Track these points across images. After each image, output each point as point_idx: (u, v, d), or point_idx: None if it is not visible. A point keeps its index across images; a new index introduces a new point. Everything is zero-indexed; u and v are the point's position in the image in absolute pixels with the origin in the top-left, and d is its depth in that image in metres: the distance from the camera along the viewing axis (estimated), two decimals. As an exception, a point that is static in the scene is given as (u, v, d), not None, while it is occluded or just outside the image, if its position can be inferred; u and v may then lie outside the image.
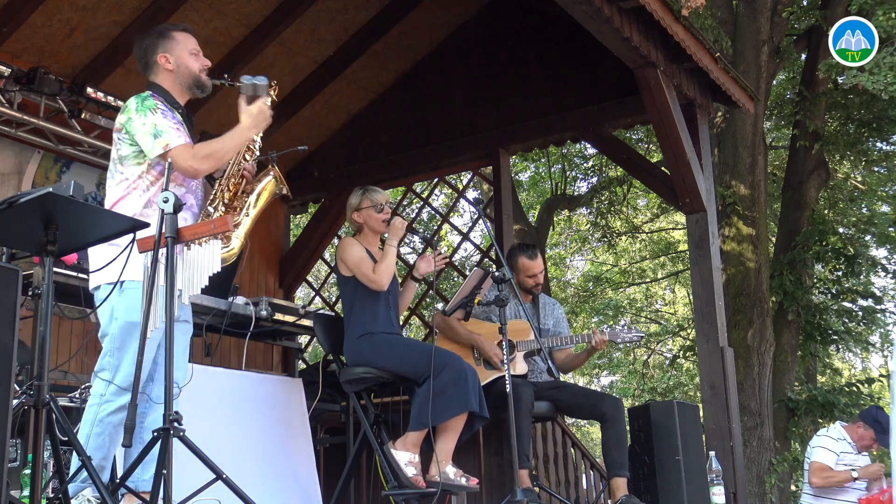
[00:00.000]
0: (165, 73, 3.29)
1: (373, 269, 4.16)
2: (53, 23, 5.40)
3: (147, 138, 3.09)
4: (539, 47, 6.52)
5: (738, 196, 9.45)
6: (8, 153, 5.38)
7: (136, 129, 3.10)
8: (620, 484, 4.42)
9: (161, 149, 3.08)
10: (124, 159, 3.15)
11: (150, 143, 3.09)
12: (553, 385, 4.77)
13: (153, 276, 2.69)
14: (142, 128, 3.09)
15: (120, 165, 3.15)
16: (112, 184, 3.16)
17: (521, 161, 13.61)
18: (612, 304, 16.27)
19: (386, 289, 4.19)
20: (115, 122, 3.20)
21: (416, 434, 4.02)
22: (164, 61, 3.28)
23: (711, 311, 5.47)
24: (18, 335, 2.37)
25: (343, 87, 6.91)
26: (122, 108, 3.19)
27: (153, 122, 3.10)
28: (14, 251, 3.70)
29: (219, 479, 2.68)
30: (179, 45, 3.33)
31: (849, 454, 5.77)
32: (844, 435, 5.81)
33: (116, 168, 3.16)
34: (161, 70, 3.29)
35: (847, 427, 5.86)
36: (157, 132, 3.09)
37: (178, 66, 3.29)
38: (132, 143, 3.13)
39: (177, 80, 3.30)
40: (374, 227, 4.35)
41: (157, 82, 3.29)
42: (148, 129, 3.09)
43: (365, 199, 4.36)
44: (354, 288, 4.22)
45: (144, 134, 3.09)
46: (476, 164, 7.11)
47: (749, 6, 9.72)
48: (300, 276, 7.51)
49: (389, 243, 4.25)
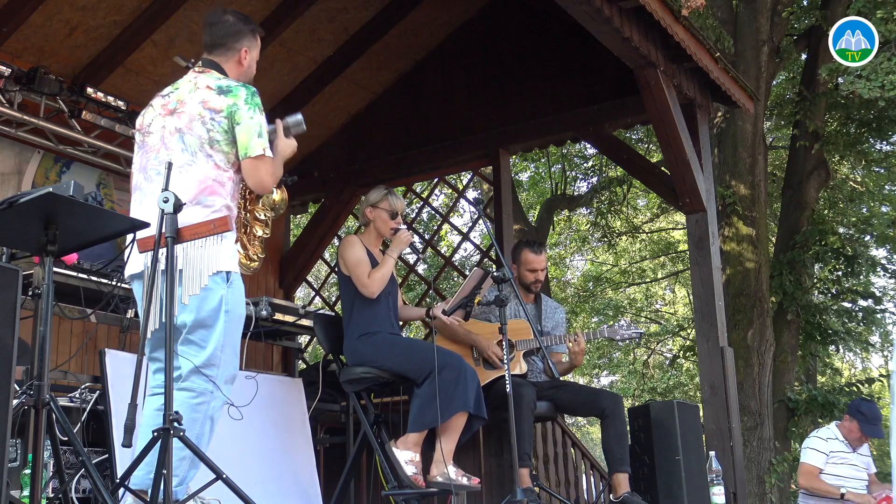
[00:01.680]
0: (235, 66, 3.24)
1: (368, 273, 4.16)
2: (53, 23, 5.40)
3: (251, 135, 3.02)
4: (539, 47, 6.52)
5: (738, 196, 9.45)
6: (8, 153, 5.38)
7: (242, 121, 3.02)
8: (622, 480, 4.42)
9: (260, 150, 3.02)
10: (216, 143, 3.03)
11: (252, 142, 3.01)
12: (552, 384, 4.77)
13: (153, 276, 2.68)
14: (249, 121, 3.02)
15: (209, 147, 3.02)
16: (196, 161, 3.01)
17: (521, 161, 13.62)
18: (612, 304, 16.28)
19: (375, 297, 4.19)
20: (210, 100, 3.04)
21: (416, 434, 4.02)
22: (245, 55, 3.25)
23: (711, 311, 5.47)
24: (19, 334, 2.37)
25: (343, 87, 6.91)
26: (219, 88, 3.06)
27: (259, 121, 3.05)
28: (14, 251, 3.70)
29: (219, 479, 2.68)
30: (256, 49, 3.32)
31: (842, 452, 5.68)
32: (836, 434, 5.74)
33: (203, 148, 3.02)
34: (235, 60, 3.24)
35: (839, 425, 5.81)
36: (262, 133, 3.04)
37: (248, 67, 3.28)
38: (227, 131, 3.03)
39: (239, 77, 3.23)
40: (380, 229, 4.36)
41: (223, 67, 3.21)
42: (255, 126, 3.03)
43: (385, 200, 4.37)
44: (355, 288, 4.23)
45: (249, 129, 3.02)
46: (476, 164, 7.12)
47: (749, 6, 9.72)
48: (300, 276, 7.51)
49: (390, 254, 4.26)
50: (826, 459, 5.65)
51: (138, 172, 3.14)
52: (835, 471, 5.65)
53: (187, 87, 3.14)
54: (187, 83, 3.17)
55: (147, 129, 3.16)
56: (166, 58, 3.44)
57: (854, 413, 5.66)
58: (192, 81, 3.15)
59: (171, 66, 3.54)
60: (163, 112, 3.13)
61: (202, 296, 2.91)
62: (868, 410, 5.62)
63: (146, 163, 3.11)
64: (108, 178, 5.94)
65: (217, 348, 2.93)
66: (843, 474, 5.63)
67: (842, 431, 5.73)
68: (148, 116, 3.20)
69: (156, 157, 3.07)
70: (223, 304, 2.95)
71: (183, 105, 3.09)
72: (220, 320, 2.94)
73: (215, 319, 2.93)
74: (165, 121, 3.10)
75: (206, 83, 3.10)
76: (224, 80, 3.12)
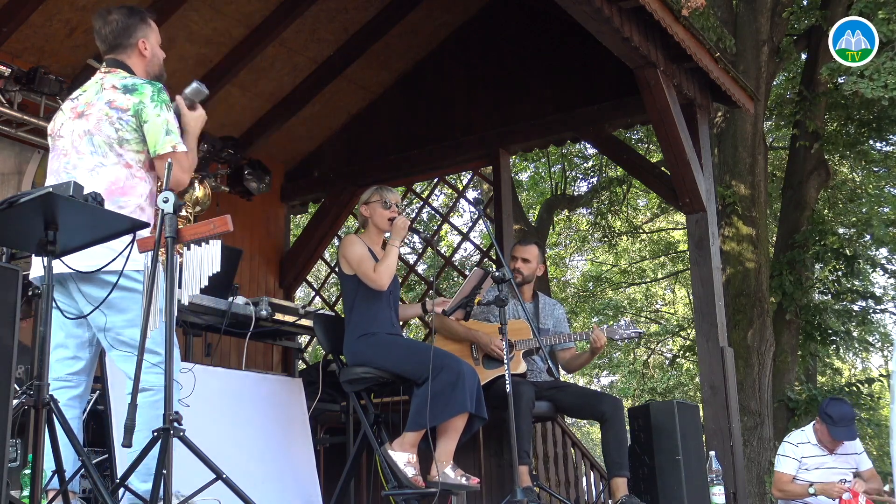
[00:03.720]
0: (138, 59, 3.22)
1: (374, 268, 4.17)
2: (53, 23, 5.40)
3: (158, 133, 3.02)
4: (539, 47, 6.52)
5: (738, 196, 9.45)
6: (8, 153, 5.38)
7: (149, 119, 3.02)
8: (620, 484, 4.42)
9: (169, 148, 3.02)
10: (125, 142, 3.04)
11: (160, 139, 3.02)
12: (553, 385, 4.77)
13: (153, 276, 2.68)
14: (156, 119, 3.02)
15: (118, 147, 3.03)
16: (105, 162, 3.02)
17: (521, 161, 13.62)
18: (612, 304, 16.28)
19: (386, 288, 4.19)
20: (116, 99, 3.05)
21: (414, 434, 4.02)
22: (143, 45, 3.23)
23: (711, 311, 5.47)
24: (19, 335, 2.37)
25: (343, 87, 6.91)
26: (125, 87, 3.06)
27: (166, 118, 3.04)
28: (14, 251, 3.70)
29: (219, 479, 2.68)
30: (154, 34, 3.30)
31: (817, 457, 5.29)
32: (809, 437, 5.35)
33: (113, 148, 3.03)
34: (136, 54, 3.22)
35: (815, 426, 5.38)
36: (169, 130, 3.04)
37: (152, 56, 3.26)
38: (136, 130, 3.04)
39: (146, 69, 3.23)
40: (377, 223, 4.36)
41: (128, 64, 3.20)
42: (161, 123, 3.02)
43: (376, 194, 4.40)
44: (356, 287, 4.23)
45: (156, 127, 3.02)
46: (476, 164, 7.12)
47: (749, 6, 9.72)
48: (300, 276, 7.51)
49: (391, 243, 4.26)
50: (798, 466, 5.31)
51: (51, 176, 3.14)
52: (808, 477, 5.27)
53: (94, 88, 3.15)
54: (94, 84, 3.17)
55: (57, 132, 3.17)
56: (166, 58, 3.43)
57: (822, 416, 5.27)
58: (99, 82, 3.15)
59: (170, 66, 3.54)
60: (72, 115, 3.14)
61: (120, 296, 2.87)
62: (836, 412, 5.19)
63: (58, 166, 3.11)
64: (108, 178, 5.92)
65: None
66: (816, 479, 5.23)
67: (816, 434, 5.34)
68: (58, 121, 3.21)
69: (66, 160, 3.08)
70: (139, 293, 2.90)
71: (90, 107, 3.09)
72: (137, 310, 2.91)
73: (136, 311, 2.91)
74: (74, 124, 3.10)
75: (111, 83, 3.11)
76: (130, 79, 3.12)
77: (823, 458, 5.30)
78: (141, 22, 3.26)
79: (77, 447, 2.74)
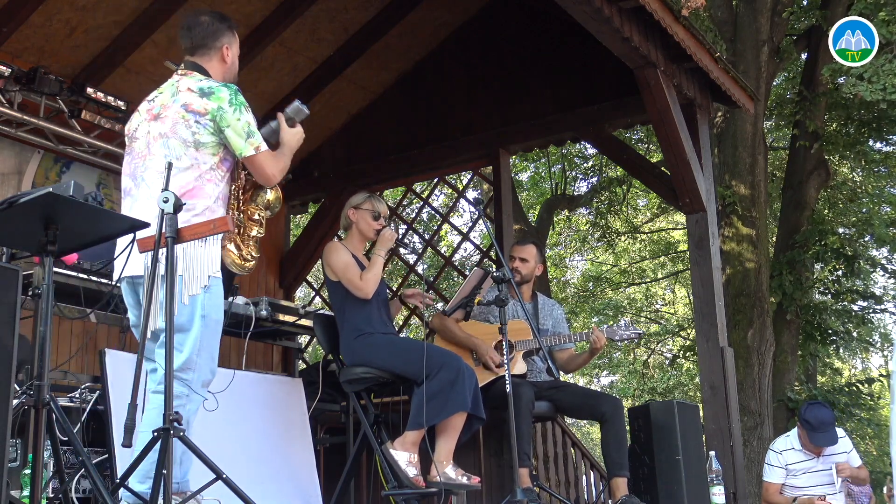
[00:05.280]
0: (219, 64, 3.25)
1: (359, 276, 4.17)
2: (53, 23, 5.40)
3: (239, 136, 3.04)
4: (539, 47, 6.52)
5: (738, 196, 9.45)
6: (8, 153, 5.39)
7: (229, 123, 3.04)
8: (620, 484, 4.42)
9: (252, 150, 3.05)
10: (201, 146, 3.05)
11: (242, 143, 3.05)
12: (552, 385, 4.77)
13: (153, 276, 2.68)
14: (236, 123, 3.04)
15: (194, 150, 3.04)
16: (179, 165, 3.00)
17: (521, 161, 13.62)
18: (612, 304, 16.28)
19: (370, 297, 4.19)
20: (192, 102, 3.05)
21: (415, 434, 4.02)
22: (227, 51, 3.27)
23: (711, 311, 5.47)
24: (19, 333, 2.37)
25: (343, 87, 6.91)
26: (201, 90, 3.07)
27: (247, 120, 3.06)
28: (14, 251, 3.70)
29: (219, 479, 2.68)
30: (237, 44, 3.35)
31: (802, 462, 5.18)
32: (793, 443, 5.23)
33: (188, 152, 3.04)
34: (217, 59, 3.25)
35: (798, 432, 5.27)
36: (251, 132, 3.06)
37: (231, 63, 3.30)
38: (214, 133, 3.05)
39: (224, 75, 3.25)
40: (363, 230, 4.35)
41: (206, 68, 3.22)
42: (242, 126, 3.05)
43: (367, 202, 4.39)
44: (344, 292, 4.23)
45: (238, 131, 3.04)
46: (476, 164, 7.12)
47: (749, 6, 9.72)
48: (300, 276, 7.51)
49: (377, 253, 4.26)
50: (785, 473, 5.22)
51: (127, 178, 3.17)
52: (796, 483, 5.19)
53: (170, 90, 3.16)
54: (170, 87, 3.19)
55: (133, 134, 3.20)
56: (166, 58, 3.44)
57: (801, 422, 5.15)
58: (175, 85, 3.17)
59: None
60: (147, 117, 3.16)
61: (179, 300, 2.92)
62: (814, 418, 5.04)
63: (134, 168, 3.14)
64: (108, 178, 5.93)
65: (193, 353, 2.96)
66: (804, 485, 5.16)
67: (800, 439, 5.21)
68: (134, 122, 3.23)
69: (142, 162, 3.11)
70: (200, 309, 2.97)
71: (166, 109, 3.11)
72: (196, 325, 2.96)
73: (191, 324, 2.95)
74: (150, 126, 3.13)
75: (187, 86, 3.12)
76: (206, 82, 3.13)
77: (809, 463, 5.18)
78: (228, 29, 3.31)
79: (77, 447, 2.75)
